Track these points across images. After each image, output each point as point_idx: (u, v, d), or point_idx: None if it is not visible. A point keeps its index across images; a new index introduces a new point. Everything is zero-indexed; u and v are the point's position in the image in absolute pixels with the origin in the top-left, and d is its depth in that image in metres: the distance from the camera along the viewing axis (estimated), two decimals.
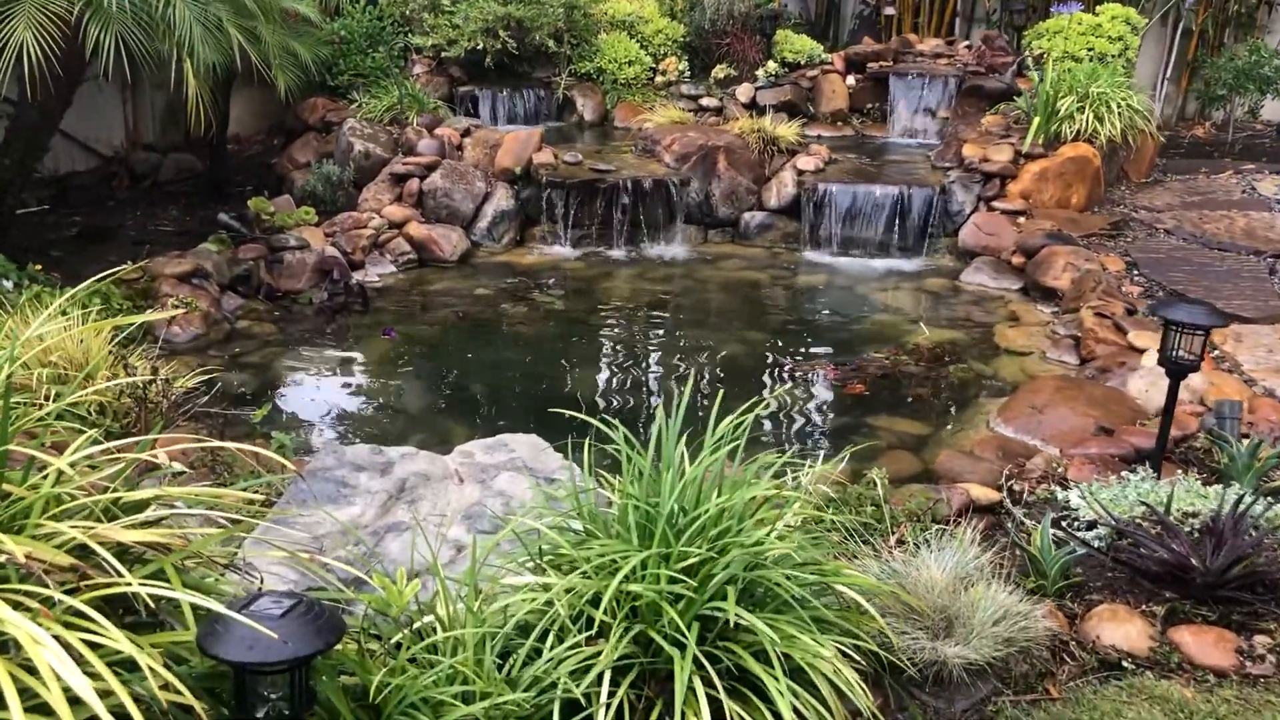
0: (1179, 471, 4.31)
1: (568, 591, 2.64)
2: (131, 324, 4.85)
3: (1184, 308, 4.07)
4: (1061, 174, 8.64)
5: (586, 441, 3.38)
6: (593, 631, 2.59)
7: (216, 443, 2.97)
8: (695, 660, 2.48)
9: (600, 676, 2.49)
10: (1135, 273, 7.38)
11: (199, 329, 6.28)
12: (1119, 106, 8.92)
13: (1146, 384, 5.41)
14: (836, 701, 2.63)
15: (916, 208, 8.48)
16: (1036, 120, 8.85)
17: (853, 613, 2.92)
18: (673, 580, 2.61)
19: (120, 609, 2.32)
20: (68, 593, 2.15)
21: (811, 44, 11.15)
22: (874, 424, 5.58)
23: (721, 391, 3.48)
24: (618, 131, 10.52)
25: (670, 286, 7.83)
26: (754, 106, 10.64)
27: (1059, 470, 4.39)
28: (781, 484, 3.49)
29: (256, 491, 3.59)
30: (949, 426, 5.49)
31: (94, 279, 4.07)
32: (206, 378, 5.30)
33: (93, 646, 2.03)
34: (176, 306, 6.06)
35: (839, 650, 2.69)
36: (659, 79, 10.99)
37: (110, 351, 4.48)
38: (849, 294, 7.76)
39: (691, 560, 2.66)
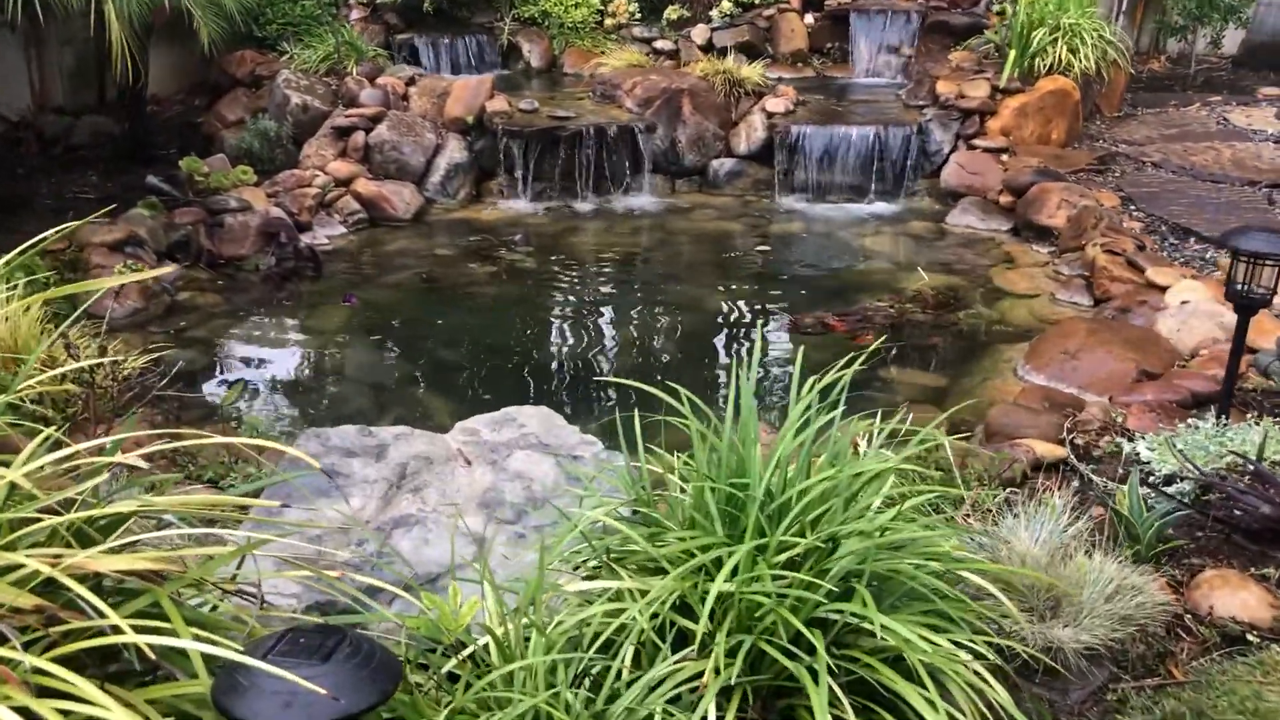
0: (1249, 416, 3.95)
1: (646, 596, 2.16)
2: (72, 295, 4.25)
3: (1260, 236, 3.68)
4: (1041, 108, 8.28)
5: (618, 417, 2.90)
6: (689, 649, 2.11)
7: (197, 436, 2.43)
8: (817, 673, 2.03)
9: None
10: (1132, 208, 7.04)
11: (137, 303, 5.64)
12: (1091, 38, 8.57)
13: (1177, 324, 5.07)
14: (973, 708, 2.20)
15: (894, 148, 8.06)
16: (1012, 54, 8.46)
17: (963, 599, 2.49)
18: (776, 577, 2.15)
19: (101, 654, 1.80)
20: (32, 645, 1.63)
21: None
22: (888, 377, 5.17)
23: (759, 345, 2.99)
24: (568, 78, 9.94)
25: (642, 240, 7.33)
26: (710, 49, 10.10)
27: (1119, 421, 4.01)
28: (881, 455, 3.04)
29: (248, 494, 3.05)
30: (970, 377, 5.10)
31: (18, 250, 3.47)
32: (153, 357, 4.72)
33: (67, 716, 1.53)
34: (122, 273, 5.42)
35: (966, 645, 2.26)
36: (608, 22, 10.40)
37: (43, 331, 3.88)
38: (830, 241, 7.33)
39: (796, 551, 2.20)
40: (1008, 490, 3.43)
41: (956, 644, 2.23)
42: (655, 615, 2.15)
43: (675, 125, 8.31)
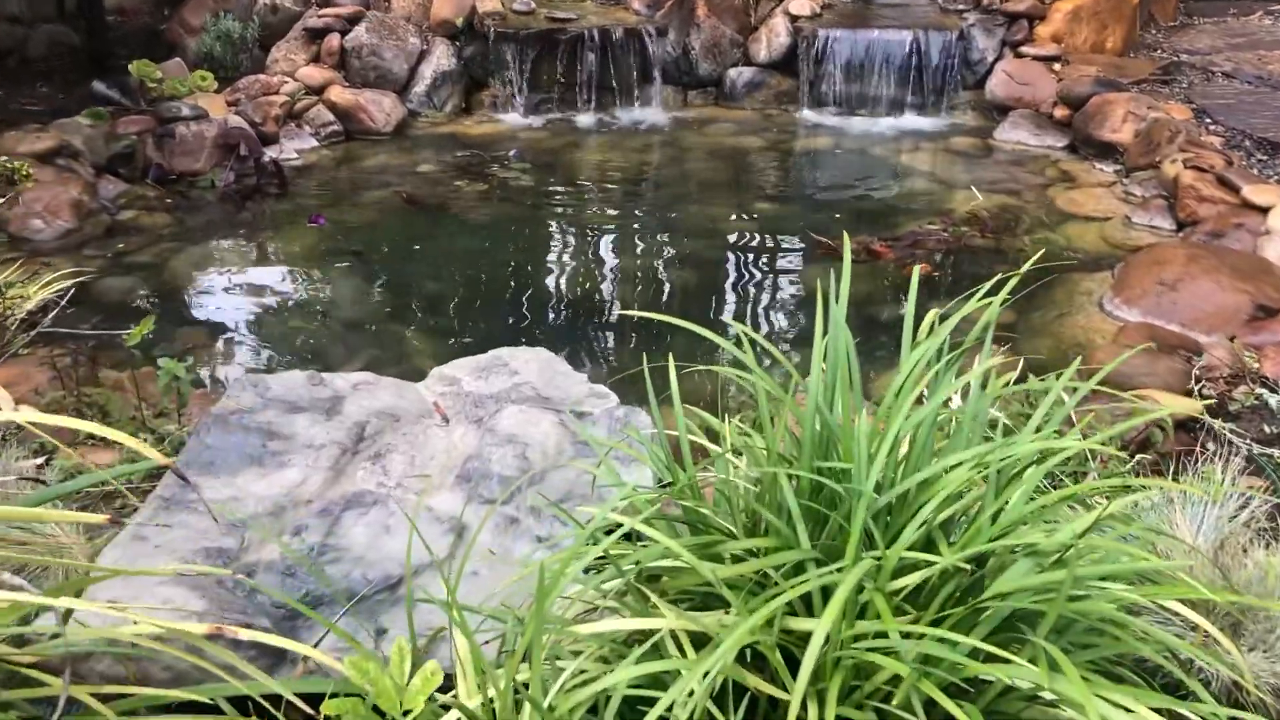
0: None
1: (701, 657, 1.42)
2: None
3: None
4: (1097, 13, 7.41)
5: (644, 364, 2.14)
6: None
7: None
8: None
9: None
10: (1208, 121, 6.22)
11: (69, 222, 4.86)
12: None
13: None
14: None
15: (933, 56, 7.19)
16: None
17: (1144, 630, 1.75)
18: (898, 608, 1.40)
19: None
20: None
21: None
22: (944, 312, 4.39)
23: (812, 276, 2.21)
24: None
25: (651, 157, 6.51)
26: None
27: (1255, 367, 3.25)
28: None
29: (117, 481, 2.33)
30: (1042, 311, 4.33)
31: None
32: (74, 283, 3.95)
33: None
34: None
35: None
36: None
37: None
38: (864, 159, 6.51)
39: (927, 575, 1.46)
40: (1136, 458, 2.68)
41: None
42: (711, 671, 1.41)
43: (688, 29, 7.44)
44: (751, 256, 5.05)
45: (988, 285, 2.05)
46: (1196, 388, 3.07)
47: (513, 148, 6.40)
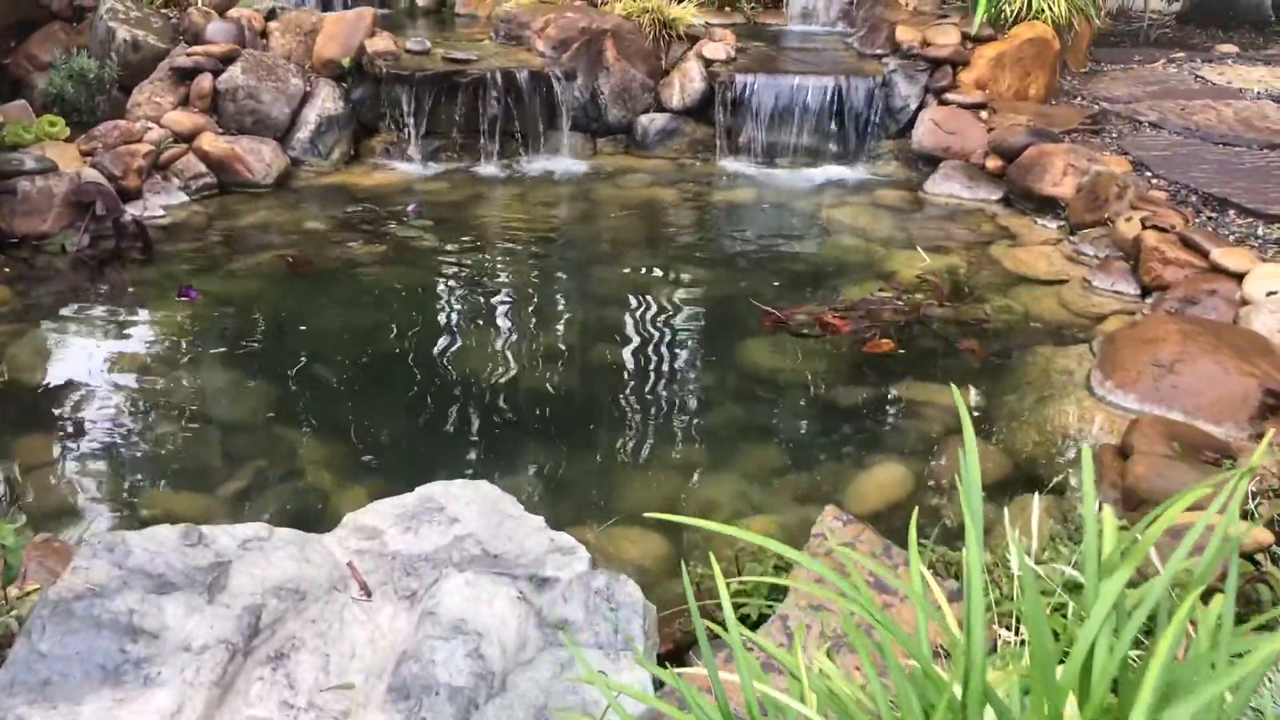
0: None
1: None
2: None
3: None
4: (1020, 59, 7.15)
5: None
6: None
7: None
8: None
9: None
10: (1148, 173, 5.95)
11: None
12: None
13: (1277, 322, 3.96)
14: None
15: (855, 103, 6.83)
16: None
17: None
18: None
19: None
20: None
21: None
22: (910, 396, 3.94)
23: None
24: (461, 19, 8.45)
25: (563, 212, 5.95)
26: None
27: None
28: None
29: None
30: (1020, 395, 3.91)
31: None
32: None
33: None
34: None
35: None
36: None
37: None
38: (789, 213, 6.07)
39: None
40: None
41: None
42: None
43: (597, 73, 6.93)
44: (691, 330, 4.54)
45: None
46: (1254, 507, 2.64)
47: (410, 201, 5.77)
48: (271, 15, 6.88)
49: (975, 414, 3.83)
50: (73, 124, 6.01)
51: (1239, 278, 4.39)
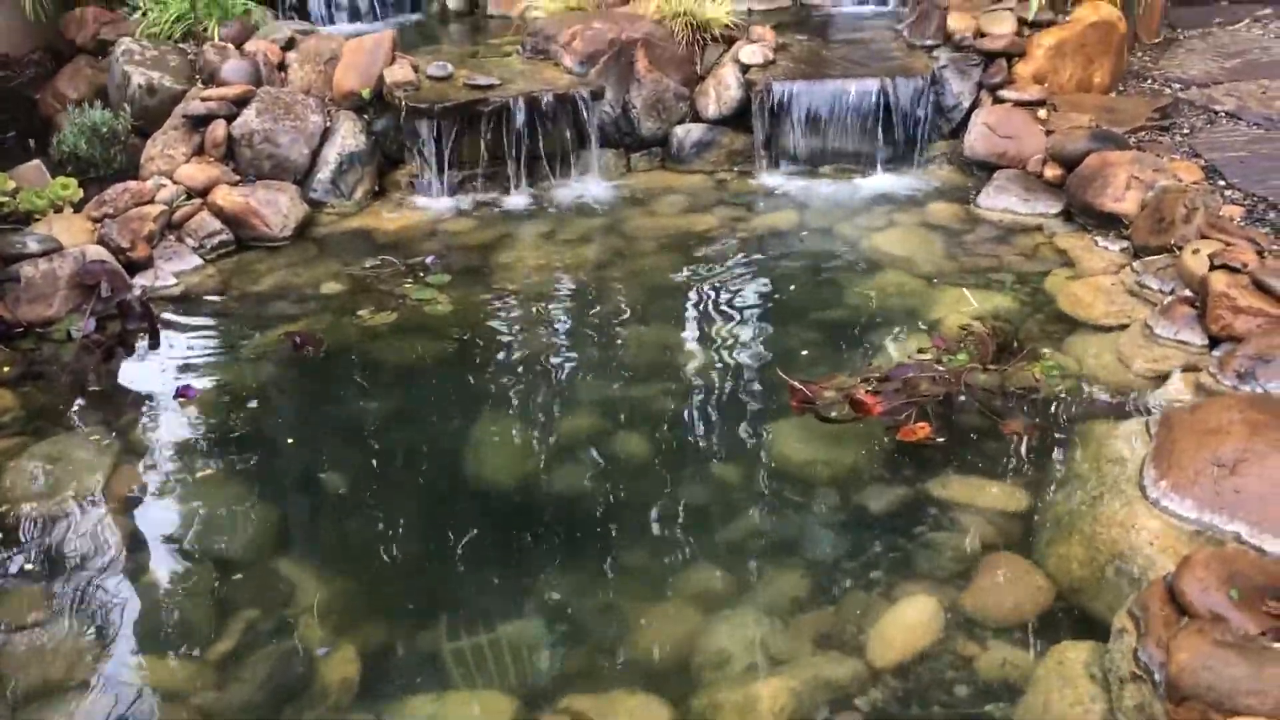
0: None
1: None
2: None
3: None
4: (1082, 46, 6.63)
5: None
6: None
7: None
8: None
9: None
10: (1221, 182, 5.48)
11: None
12: None
13: None
14: None
15: (903, 105, 6.40)
16: None
17: None
18: None
19: None
20: None
21: None
22: (949, 496, 3.62)
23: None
24: (493, 23, 8.17)
25: (592, 253, 5.65)
26: None
27: None
28: None
29: None
30: (1069, 492, 3.56)
31: None
32: None
33: None
34: None
35: None
36: None
37: None
38: (832, 241, 5.71)
39: None
40: None
41: None
42: None
43: (627, 86, 6.61)
44: (718, 410, 4.25)
45: None
46: None
47: (431, 253, 5.54)
48: (290, 45, 6.65)
49: (1017, 521, 3.52)
50: (87, 179, 5.90)
51: None
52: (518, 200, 6.28)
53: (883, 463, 3.81)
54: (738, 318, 4.97)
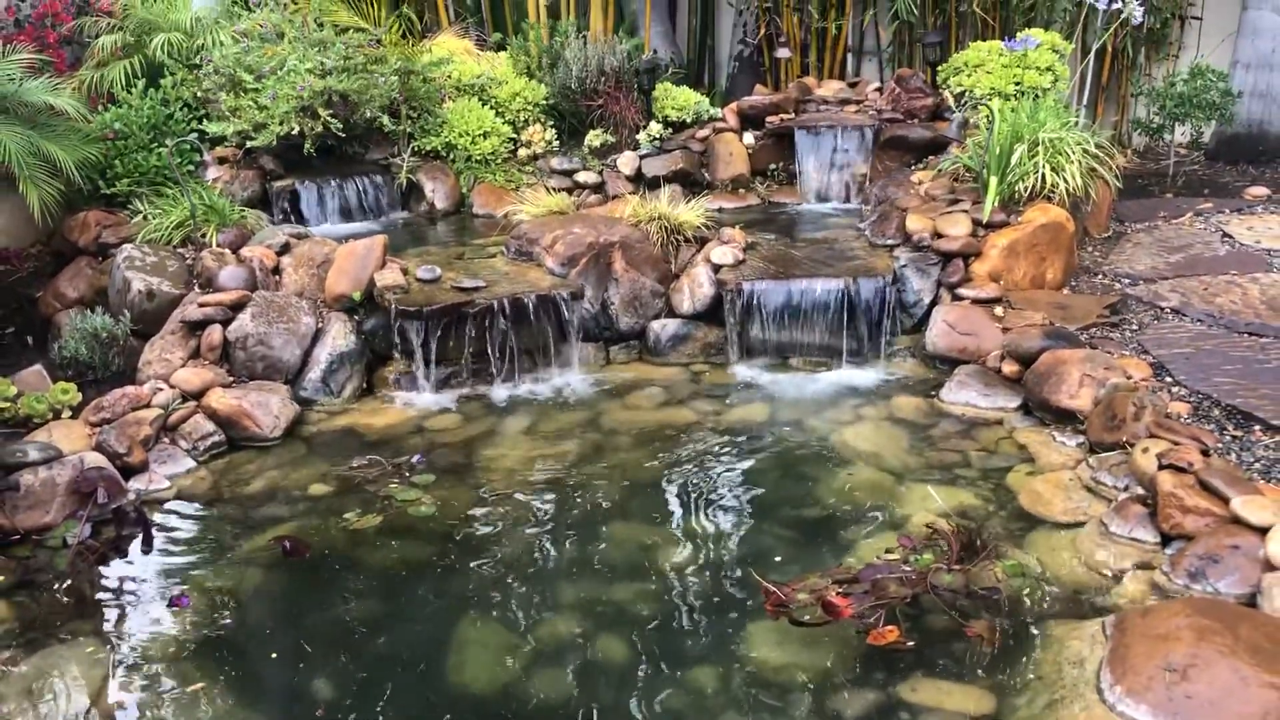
0: None
1: None
2: None
3: None
4: (1034, 245, 7.05)
5: None
6: None
7: None
8: None
9: None
10: (1168, 378, 5.78)
11: None
12: (1075, 153, 7.40)
13: None
14: None
15: (866, 303, 6.76)
16: (993, 181, 7.25)
17: None
18: None
19: None
20: None
21: (696, 97, 9.41)
22: (918, 700, 3.75)
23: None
24: (479, 221, 8.59)
25: (572, 448, 5.87)
26: (640, 179, 8.86)
27: None
28: None
29: None
30: (1029, 696, 3.71)
31: None
32: None
33: None
34: None
35: None
36: (522, 152, 9.08)
37: None
38: (803, 433, 5.95)
39: None
40: None
41: None
42: None
43: (606, 284, 6.95)
44: (694, 615, 4.38)
45: None
46: None
47: (416, 451, 5.75)
48: (285, 249, 7.01)
49: None
50: (86, 382, 6.13)
51: (1262, 533, 4.18)
52: (501, 393, 6.53)
53: (855, 666, 3.94)
54: (713, 514, 5.15)
